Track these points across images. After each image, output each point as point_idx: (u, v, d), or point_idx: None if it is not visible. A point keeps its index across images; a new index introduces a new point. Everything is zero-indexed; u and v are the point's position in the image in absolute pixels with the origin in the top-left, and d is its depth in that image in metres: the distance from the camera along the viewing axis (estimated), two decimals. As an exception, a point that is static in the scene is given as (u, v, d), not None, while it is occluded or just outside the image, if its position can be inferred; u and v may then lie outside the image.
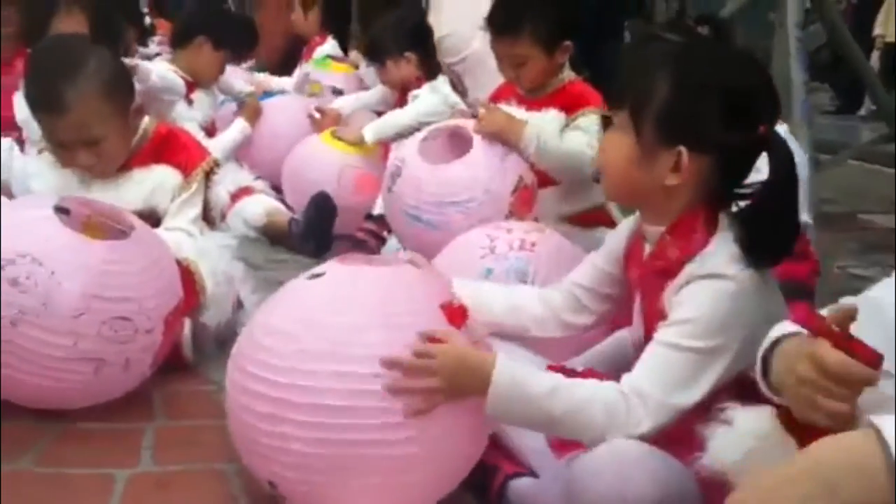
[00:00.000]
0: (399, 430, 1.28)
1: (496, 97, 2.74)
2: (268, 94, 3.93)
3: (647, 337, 1.42)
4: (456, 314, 1.40)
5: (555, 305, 1.59)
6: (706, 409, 1.23)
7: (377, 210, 3.08)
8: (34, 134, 2.27)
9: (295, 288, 1.43)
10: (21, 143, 2.28)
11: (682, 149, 1.33)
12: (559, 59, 2.51)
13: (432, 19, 3.36)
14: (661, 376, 1.30)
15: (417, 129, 2.86)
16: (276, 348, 1.31)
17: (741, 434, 1.17)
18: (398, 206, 2.42)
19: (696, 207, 1.38)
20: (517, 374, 1.33)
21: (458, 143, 2.43)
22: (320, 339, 1.30)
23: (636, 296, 1.50)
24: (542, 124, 2.34)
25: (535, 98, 2.56)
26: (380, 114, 3.46)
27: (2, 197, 1.91)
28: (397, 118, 3.11)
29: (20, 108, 2.27)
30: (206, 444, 1.57)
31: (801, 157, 2.25)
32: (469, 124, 2.41)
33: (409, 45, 3.30)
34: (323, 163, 3.20)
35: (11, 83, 2.32)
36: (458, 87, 3.32)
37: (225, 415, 1.43)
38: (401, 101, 3.30)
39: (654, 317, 1.40)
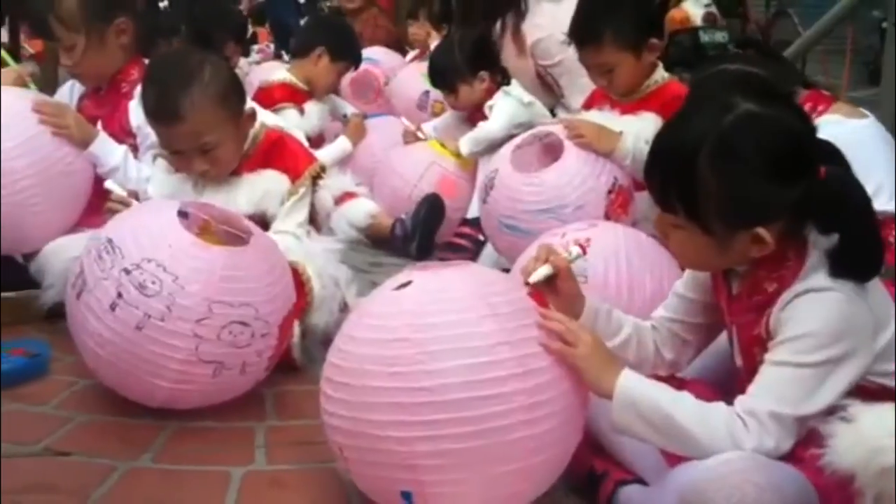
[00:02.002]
0: (535, 409, 1.31)
1: (590, 103, 2.73)
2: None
3: (747, 363, 1.42)
4: (541, 298, 1.44)
5: (652, 343, 1.58)
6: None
7: (471, 214, 3.10)
8: (147, 140, 2.35)
9: (388, 298, 1.43)
10: (135, 149, 2.36)
11: (758, 229, 1.32)
12: (648, 58, 2.49)
13: (527, 24, 3.36)
14: (781, 395, 1.30)
15: (508, 138, 2.88)
16: (397, 356, 1.31)
17: (865, 432, 1.15)
18: (493, 216, 2.43)
19: (784, 243, 1.35)
20: (644, 378, 1.36)
21: (551, 149, 2.43)
22: (438, 339, 1.31)
23: (728, 325, 1.49)
24: (639, 133, 2.32)
25: (629, 101, 2.54)
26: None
27: (133, 202, 1.97)
28: (487, 131, 3.11)
29: (135, 115, 2.35)
30: (318, 444, 1.59)
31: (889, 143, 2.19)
32: (560, 130, 2.41)
33: (479, 64, 3.28)
34: (414, 158, 3.24)
35: (126, 91, 2.40)
36: (554, 89, 3.31)
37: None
38: (473, 121, 3.29)
39: (752, 343, 1.40)
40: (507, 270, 2.00)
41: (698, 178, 1.31)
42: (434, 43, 4.40)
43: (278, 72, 3.65)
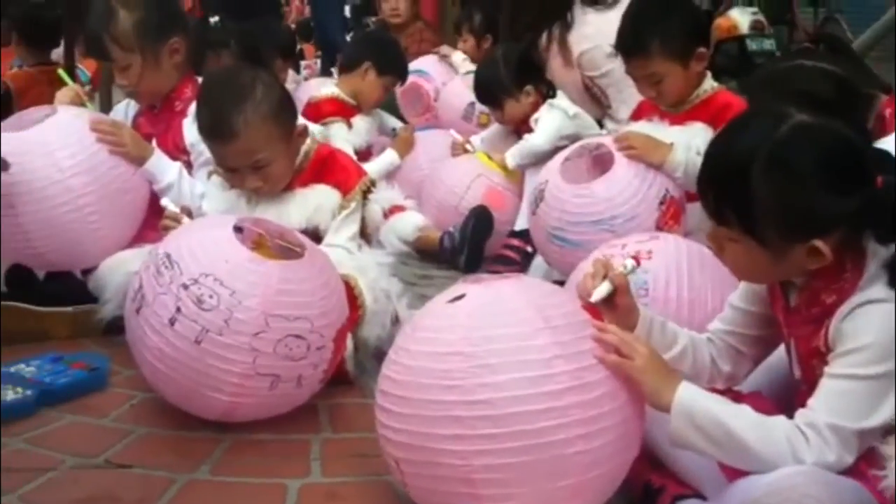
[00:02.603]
0: (592, 423, 1.31)
1: (638, 114, 2.72)
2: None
3: (806, 376, 1.41)
4: (595, 310, 1.44)
5: (708, 356, 1.56)
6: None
7: (519, 226, 3.10)
8: (201, 157, 2.39)
9: (442, 311, 1.43)
10: (189, 166, 2.40)
11: (815, 242, 1.30)
12: (696, 67, 2.47)
13: (574, 35, 3.35)
14: (841, 408, 1.28)
15: (555, 151, 2.88)
16: (452, 369, 1.32)
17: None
18: (543, 227, 2.43)
19: (842, 254, 1.33)
20: (702, 390, 1.35)
21: (600, 161, 2.42)
22: (493, 352, 1.31)
23: (786, 337, 1.47)
24: (689, 144, 2.30)
25: (678, 112, 2.53)
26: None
27: (185, 218, 2.01)
28: (533, 144, 3.10)
29: (189, 132, 2.40)
30: (373, 457, 1.60)
31: None
32: (609, 141, 2.40)
33: (525, 78, 3.28)
34: (460, 170, 3.26)
35: (180, 109, 2.44)
36: (601, 100, 3.30)
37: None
38: (520, 133, 3.29)
39: (811, 356, 1.39)
40: (558, 282, 1.99)
41: (753, 191, 1.30)
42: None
43: (326, 87, 3.69)
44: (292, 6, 10.93)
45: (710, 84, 2.54)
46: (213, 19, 2.76)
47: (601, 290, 1.45)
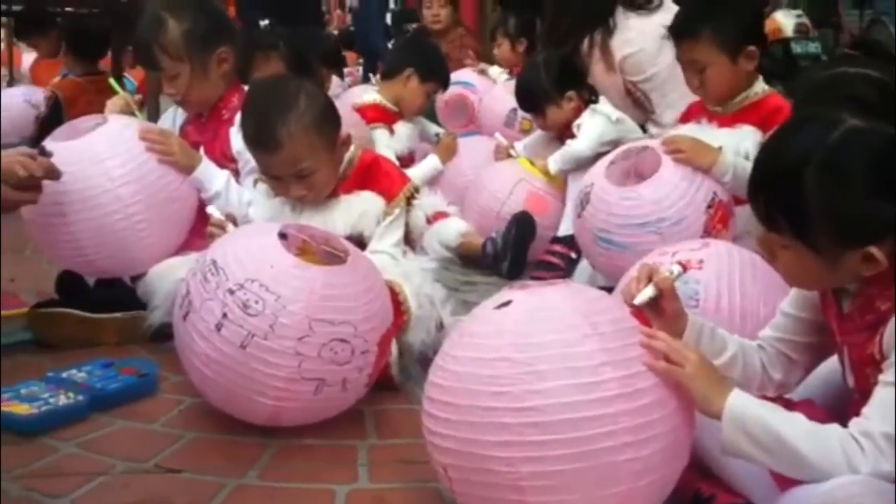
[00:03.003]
0: (641, 430, 1.30)
1: (687, 116, 2.71)
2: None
3: (859, 384, 1.38)
4: (643, 317, 1.43)
5: (759, 363, 1.54)
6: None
7: (562, 232, 3.09)
8: (248, 165, 2.42)
9: (489, 317, 1.43)
10: (236, 174, 2.43)
11: (870, 248, 1.28)
12: (744, 65, 2.45)
13: (616, 40, 3.33)
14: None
15: (597, 156, 2.87)
16: (499, 375, 1.32)
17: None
18: (589, 230, 2.42)
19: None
20: (754, 398, 1.33)
21: (647, 164, 2.41)
22: (541, 358, 1.31)
23: (839, 344, 1.44)
24: (738, 148, 2.28)
25: (727, 114, 2.50)
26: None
27: (229, 225, 2.03)
28: (575, 149, 3.10)
29: (236, 140, 2.42)
30: (420, 464, 1.61)
31: None
32: (656, 145, 2.38)
33: (566, 84, 3.27)
34: (502, 175, 3.26)
35: (227, 117, 2.47)
36: (644, 105, 3.28)
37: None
38: (562, 139, 3.28)
39: (865, 363, 1.36)
40: (604, 289, 1.98)
41: (805, 198, 1.28)
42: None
43: (368, 93, 3.71)
44: (334, 14, 11.02)
45: (761, 87, 2.52)
46: (263, 22, 2.78)
47: (645, 294, 1.44)
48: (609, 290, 2.00)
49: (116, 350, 2.21)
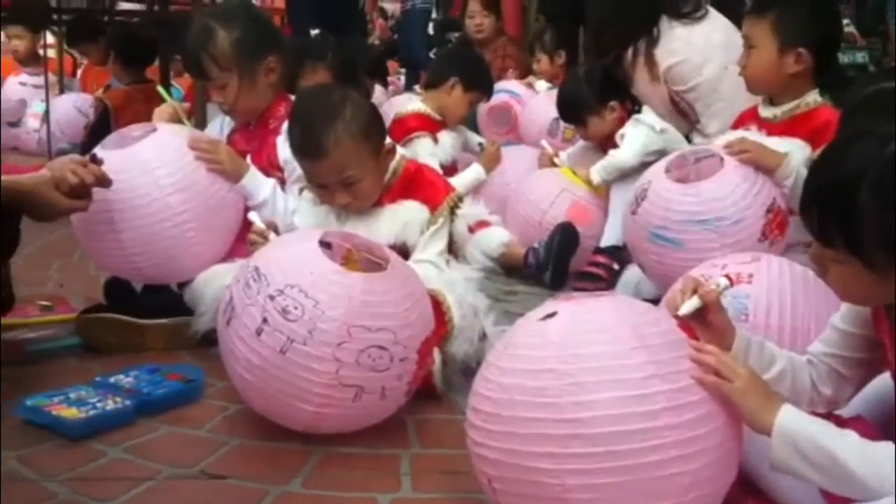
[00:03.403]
0: (689, 444, 1.28)
1: (737, 124, 2.70)
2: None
3: None
4: (691, 330, 1.42)
5: (809, 378, 1.52)
6: None
7: (605, 242, 3.07)
8: (294, 174, 2.44)
9: (534, 328, 1.42)
10: (282, 182, 2.45)
11: None
12: (789, 64, 2.44)
13: (660, 50, 3.32)
14: None
15: (643, 166, 2.86)
16: (544, 387, 1.31)
17: None
18: (643, 226, 2.41)
19: None
20: (804, 414, 1.31)
21: (706, 168, 2.40)
22: (587, 370, 1.30)
23: (891, 360, 1.41)
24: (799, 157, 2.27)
25: (776, 122, 2.49)
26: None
27: (271, 233, 2.05)
28: (618, 160, 3.08)
29: (282, 149, 2.44)
30: (463, 474, 1.60)
31: None
32: (717, 147, 2.37)
33: (609, 94, 3.25)
34: (545, 185, 3.26)
35: (274, 126, 2.49)
36: (689, 115, 3.26)
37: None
38: (605, 149, 3.26)
39: None
40: (649, 301, 1.97)
41: (859, 213, 1.26)
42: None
43: (412, 102, 3.72)
44: (376, 24, 11.09)
45: (814, 97, 2.50)
46: (314, 32, 2.81)
47: (689, 305, 1.43)
48: (655, 302, 2.00)
49: (162, 355, 2.23)
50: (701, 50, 3.06)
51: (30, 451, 1.75)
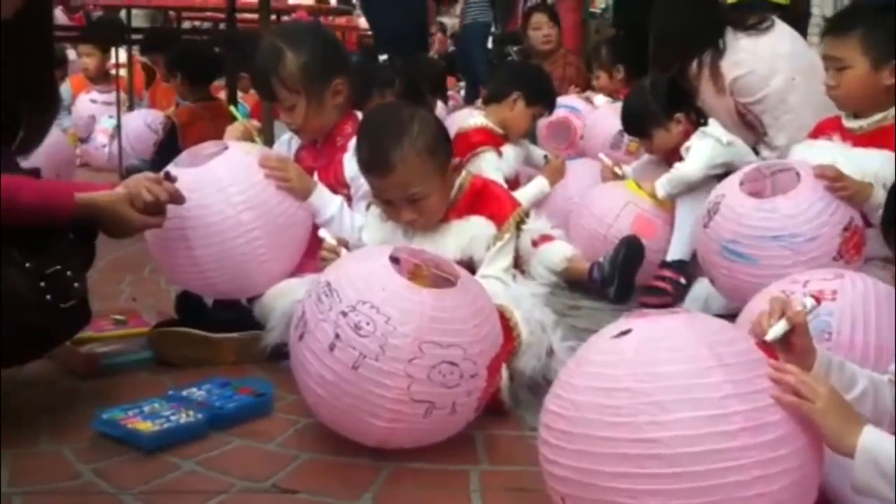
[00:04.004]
0: (769, 465, 1.26)
1: (817, 132, 2.66)
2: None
3: None
4: (771, 351, 1.39)
5: (890, 399, 1.48)
6: None
7: (671, 256, 3.04)
8: (360, 191, 2.46)
9: (607, 346, 1.41)
10: (348, 199, 2.47)
11: None
12: (885, 79, 2.38)
13: (726, 61, 3.28)
14: None
15: (715, 179, 2.82)
16: (619, 406, 1.30)
17: None
18: (715, 240, 2.39)
19: None
20: (888, 435, 1.28)
21: (782, 183, 2.36)
22: (662, 389, 1.29)
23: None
24: (877, 176, 2.22)
25: (860, 133, 2.45)
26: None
27: (342, 250, 2.07)
28: (684, 173, 3.05)
29: (349, 167, 2.47)
30: (532, 491, 1.60)
31: None
32: (794, 162, 2.34)
33: (674, 107, 3.22)
34: (609, 198, 3.24)
35: (341, 144, 2.52)
36: (756, 127, 3.22)
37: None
38: (670, 162, 3.22)
39: None
40: (720, 316, 1.94)
41: None
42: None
43: (475, 117, 3.73)
44: (435, 38, 11.15)
45: None
46: (382, 57, 2.84)
47: (777, 329, 1.40)
48: (724, 317, 1.97)
49: (233, 369, 2.27)
50: (768, 61, 3.02)
51: (105, 464, 1.79)
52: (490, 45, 7.71)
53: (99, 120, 5.61)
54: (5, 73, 1.92)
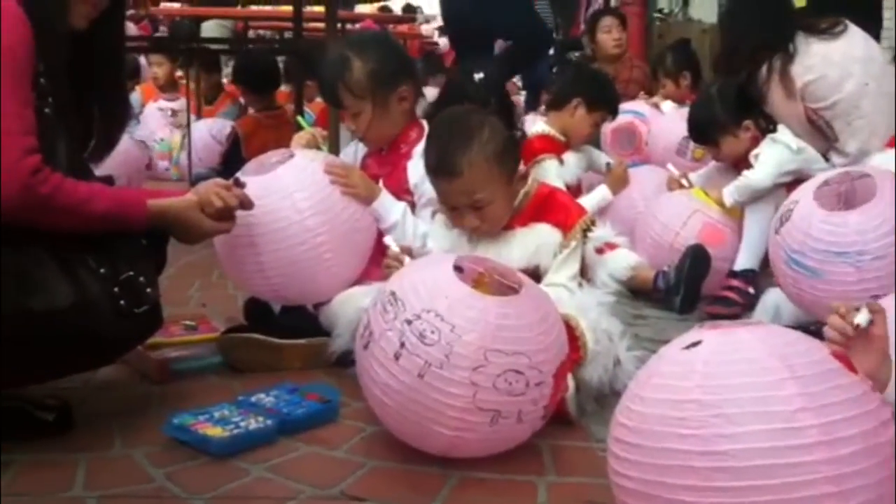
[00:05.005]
0: (844, 481, 1.23)
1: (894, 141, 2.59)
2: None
3: None
4: (847, 361, 1.35)
5: None
6: None
7: (739, 265, 2.99)
8: (423, 198, 2.48)
9: (678, 357, 1.39)
10: (412, 206, 2.49)
11: None
12: None
13: (796, 66, 3.22)
14: None
15: (775, 189, 2.77)
16: (689, 418, 1.28)
17: None
18: (782, 248, 2.35)
19: None
20: None
21: (860, 192, 2.30)
22: (734, 402, 1.26)
23: None
24: None
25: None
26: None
27: (406, 258, 2.08)
28: (752, 181, 3.00)
29: (413, 174, 2.49)
30: None
31: None
32: (876, 170, 2.28)
33: (742, 114, 3.16)
34: (676, 206, 3.20)
35: (405, 151, 2.54)
36: (826, 133, 3.16)
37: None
38: (738, 169, 3.17)
39: None
40: (791, 327, 1.90)
41: None
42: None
43: (537, 124, 3.72)
44: (496, 44, 11.15)
45: None
46: (478, 76, 2.81)
47: (864, 316, 1.36)
48: (798, 328, 1.93)
49: (299, 375, 2.28)
50: (840, 66, 2.96)
51: (176, 468, 1.82)
52: (552, 50, 7.67)
53: (162, 129, 5.68)
54: (78, 82, 1.96)
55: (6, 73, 1.74)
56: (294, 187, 2.27)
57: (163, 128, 5.65)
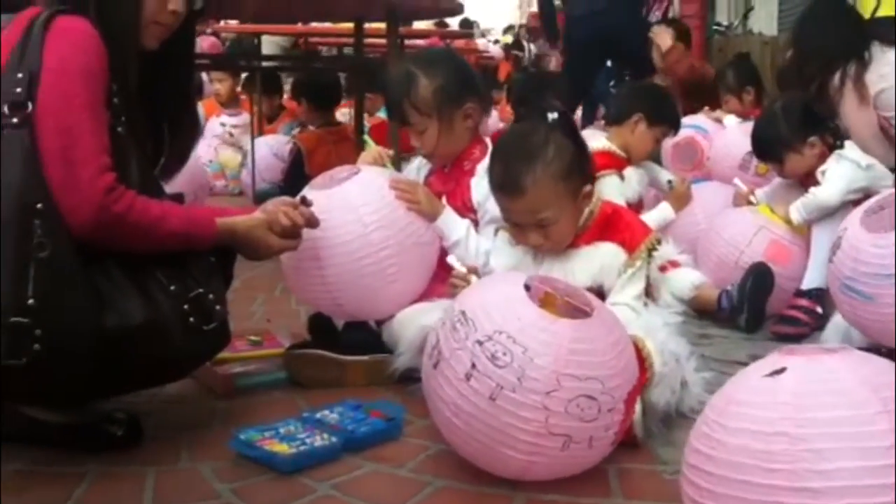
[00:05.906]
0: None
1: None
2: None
3: None
4: None
5: None
6: None
7: (806, 284, 2.93)
8: (487, 215, 2.47)
9: (760, 385, 1.35)
10: (475, 223, 2.48)
11: None
12: None
13: (871, 74, 3.16)
14: None
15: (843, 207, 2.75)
16: (776, 451, 1.25)
17: None
18: (837, 276, 2.30)
19: None
20: None
21: None
22: (825, 436, 1.23)
23: None
24: None
25: None
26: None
27: (472, 277, 2.07)
28: (820, 198, 2.93)
29: (476, 191, 2.48)
30: (671, 529, 1.56)
31: None
32: None
33: (808, 130, 3.10)
34: (741, 223, 3.15)
35: (469, 169, 2.53)
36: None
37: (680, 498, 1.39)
38: (805, 186, 3.10)
39: None
40: (864, 349, 1.85)
41: None
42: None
43: (598, 140, 3.69)
44: (553, 58, 11.12)
45: None
46: (552, 116, 2.82)
47: None
48: (869, 350, 1.88)
49: (362, 391, 2.28)
50: None
51: (243, 484, 1.82)
52: (610, 63, 7.62)
53: (208, 152, 5.72)
54: (150, 101, 2.00)
55: (82, 94, 1.77)
56: (360, 202, 2.27)
57: (209, 150, 5.71)
